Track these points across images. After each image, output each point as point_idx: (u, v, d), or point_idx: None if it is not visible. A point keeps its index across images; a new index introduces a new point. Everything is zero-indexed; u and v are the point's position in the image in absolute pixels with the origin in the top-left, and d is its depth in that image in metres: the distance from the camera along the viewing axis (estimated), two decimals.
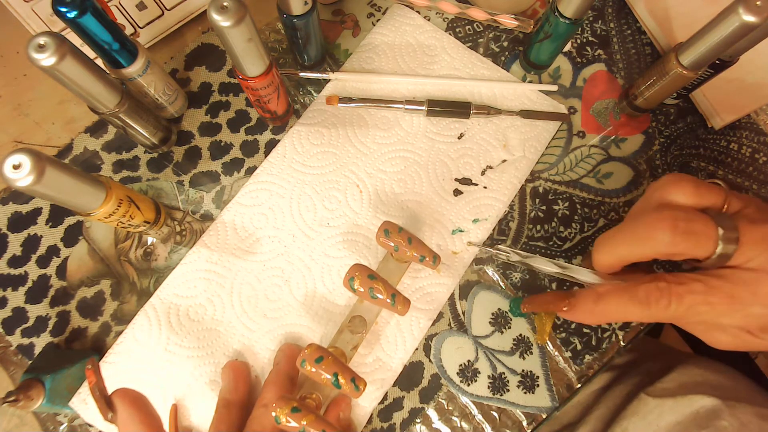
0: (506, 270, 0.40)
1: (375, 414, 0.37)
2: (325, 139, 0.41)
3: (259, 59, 0.32)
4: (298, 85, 0.43)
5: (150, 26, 0.42)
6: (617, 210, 0.41)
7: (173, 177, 0.41)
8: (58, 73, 0.28)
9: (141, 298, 0.38)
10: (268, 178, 0.40)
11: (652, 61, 0.45)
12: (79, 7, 0.29)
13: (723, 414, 0.37)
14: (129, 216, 0.34)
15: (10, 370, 0.37)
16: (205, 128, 0.42)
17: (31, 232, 0.39)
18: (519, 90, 0.43)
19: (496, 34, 0.45)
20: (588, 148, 0.42)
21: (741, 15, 0.30)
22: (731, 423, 0.36)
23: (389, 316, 0.37)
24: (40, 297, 0.38)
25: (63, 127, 0.41)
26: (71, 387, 0.35)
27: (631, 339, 0.39)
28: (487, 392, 0.37)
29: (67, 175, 0.28)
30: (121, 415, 0.32)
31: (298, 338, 0.37)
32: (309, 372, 0.30)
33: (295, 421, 0.28)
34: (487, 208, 0.40)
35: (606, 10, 0.46)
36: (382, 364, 0.37)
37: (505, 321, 0.39)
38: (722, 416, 0.37)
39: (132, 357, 0.36)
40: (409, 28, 0.44)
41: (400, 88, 0.43)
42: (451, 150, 0.41)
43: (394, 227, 0.34)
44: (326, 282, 0.38)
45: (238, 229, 0.39)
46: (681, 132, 0.43)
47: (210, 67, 0.43)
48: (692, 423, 0.37)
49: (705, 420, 0.37)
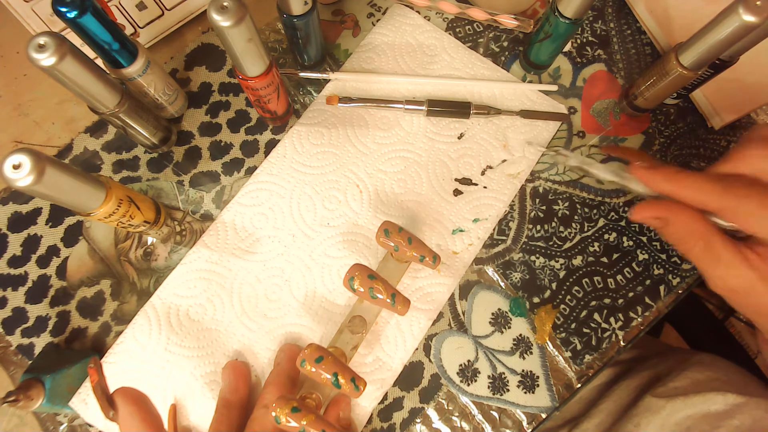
0: (506, 270, 0.40)
1: (375, 414, 0.37)
2: (325, 139, 0.41)
3: (259, 59, 0.32)
4: (298, 85, 0.43)
5: (150, 26, 0.42)
6: (617, 210, 0.41)
7: (173, 177, 0.41)
8: (58, 73, 0.28)
9: (141, 298, 0.38)
10: (268, 178, 0.40)
11: (652, 61, 0.45)
12: (79, 7, 0.29)
13: (734, 412, 0.37)
14: (129, 216, 0.34)
15: (10, 370, 0.37)
16: (205, 128, 0.42)
17: (31, 232, 0.39)
18: (519, 90, 0.43)
19: (496, 34, 0.45)
20: (588, 148, 0.42)
21: (741, 15, 0.30)
22: (743, 422, 0.36)
23: (389, 316, 0.37)
24: (40, 297, 0.38)
25: (63, 127, 0.41)
26: (71, 387, 0.35)
27: (632, 339, 0.39)
28: (487, 392, 0.37)
29: (67, 175, 0.28)
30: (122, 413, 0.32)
31: (298, 338, 0.37)
32: (309, 372, 0.30)
33: (295, 421, 0.28)
34: (487, 208, 0.40)
35: (606, 10, 0.46)
36: (382, 364, 0.37)
37: (505, 321, 0.39)
38: (734, 415, 0.37)
39: (132, 357, 0.36)
40: (409, 28, 0.44)
41: (400, 88, 0.43)
42: (451, 150, 0.41)
43: (394, 227, 0.34)
44: (326, 282, 0.38)
45: (238, 229, 0.39)
46: (681, 132, 0.43)
47: (210, 67, 0.43)
48: (704, 421, 0.37)
49: (716, 419, 0.37)
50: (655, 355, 0.49)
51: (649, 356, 0.49)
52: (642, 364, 0.47)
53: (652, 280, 0.40)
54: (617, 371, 0.49)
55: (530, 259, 0.40)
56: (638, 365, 0.47)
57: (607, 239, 0.40)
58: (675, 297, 0.40)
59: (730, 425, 0.36)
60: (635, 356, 0.50)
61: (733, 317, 0.95)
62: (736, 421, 0.36)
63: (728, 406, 0.38)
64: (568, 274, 0.40)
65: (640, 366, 0.47)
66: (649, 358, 0.48)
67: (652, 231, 0.41)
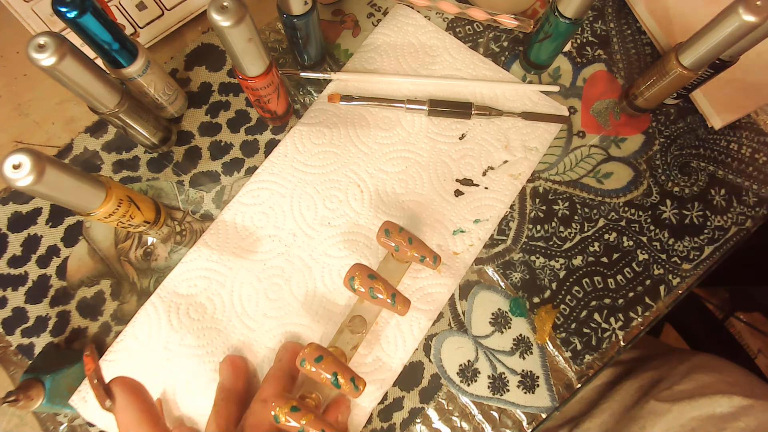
0: (506, 270, 0.40)
1: (375, 414, 0.37)
2: (326, 139, 0.41)
3: (259, 59, 0.32)
4: (298, 85, 0.43)
5: (150, 26, 0.42)
6: (617, 210, 0.41)
7: (173, 177, 0.41)
8: (58, 73, 0.28)
9: (141, 298, 0.38)
10: (269, 177, 0.40)
11: (652, 61, 0.45)
12: (79, 7, 0.29)
13: (740, 415, 0.37)
14: (129, 216, 0.34)
15: (10, 370, 0.37)
16: (205, 128, 0.42)
17: (31, 232, 0.39)
18: (520, 91, 0.43)
19: (496, 34, 0.45)
20: (588, 148, 0.42)
21: (741, 15, 0.30)
22: (748, 424, 0.36)
23: (389, 316, 0.37)
24: (40, 297, 0.38)
25: (63, 127, 0.41)
26: (71, 387, 0.35)
27: (632, 339, 0.39)
28: (487, 392, 0.37)
29: (67, 175, 0.28)
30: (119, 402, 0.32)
31: (297, 338, 0.37)
32: (308, 371, 0.30)
33: (294, 420, 0.28)
34: (488, 209, 0.40)
35: (606, 10, 0.46)
36: (382, 364, 0.37)
37: (505, 321, 0.39)
38: (739, 417, 0.37)
39: (132, 355, 0.36)
40: (411, 28, 0.44)
41: (402, 89, 0.43)
42: (453, 150, 0.41)
43: (394, 227, 0.34)
44: (326, 281, 0.38)
45: (239, 228, 0.39)
46: (681, 132, 0.43)
47: (210, 67, 0.43)
48: (709, 423, 0.37)
49: (721, 422, 0.37)
50: (658, 356, 0.49)
51: (651, 356, 0.49)
52: (644, 365, 0.47)
53: (652, 280, 0.40)
54: (619, 371, 0.48)
55: (530, 259, 0.40)
56: (640, 366, 0.47)
57: (607, 239, 0.41)
58: (675, 297, 0.40)
59: (735, 427, 0.36)
60: (637, 356, 0.50)
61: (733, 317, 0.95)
62: (742, 424, 0.36)
63: (734, 409, 0.38)
64: (568, 274, 0.40)
65: (642, 367, 0.47)
66: (652, 359, 0.48)
67: (652, 231, 0.41)
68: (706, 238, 0.41)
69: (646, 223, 0.41)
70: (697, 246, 0.41)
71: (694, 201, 0.42)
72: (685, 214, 0.41)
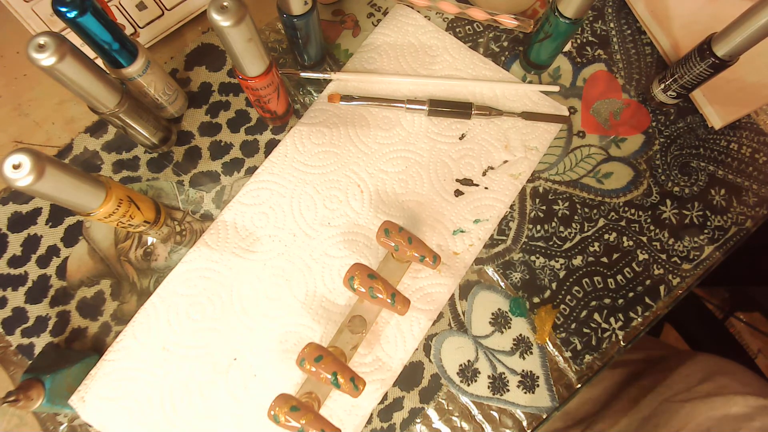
0: (506, 270, 0.40)
1: (375, 414, 0.37)
2: (326, 139, 0.41)
3: (259, 59, 0.32)
4: (298, 85, 0.43)
5: (150, 26, 0.42)
6: (617, 210, 0.41)
7: (173, 177, 0.41)
8: (58, 73, 0.28)
9: (141, 298, 0.38)
10: (269, 177, 0.40)
11: (652, 61, 0.45)
12: (79, 7, 0.29)
13: (755, 415, 0.37)
14: (129, 216, 0.34)
15: (10, 370, 0.37)
16: (205, 128, 0.42)
17: (31, 232, 0.39)
18: (521, 91, 0.43)
19: (496, 34, 0.45)
20: (588, 148, 0.42)
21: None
22: (764, 423, 0.36)
23: (389, 316, 0.37)
24: (40, 297, 0.38)
25: (63, 127, 0.41)
26: (71, 387, 0.35)
27: (632, 339, 0.39)
28: (487, 392, 0.37)
29: (67, 175, 0.28)
30: None
31: (297, 337, 0.37)
32: (308, 371, 0.30)
33: (294, 419, 0.28)
34: (488, 209, 0.40)
35: (606, 10, 0.46)
36: (382, 364, 0.37)
37: (505, 321, 0.39)
38: (755, 417, 0.37)
39: (132, 355, 0.36)
40: (411, 28, 0.44)
41: (402, 89, 0.43)
42: (453, 150, 0.41)
43: (394, 227, 0.34)
44: (326, 281, 0.38)
45: (239, 228, 0.39)
46: (681, 132, 0.43)
47: (210, 67, 0.43)
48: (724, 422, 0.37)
49: (736, 421, 0.37)
50: (667, 357, 0.48)
51: (660, 358, 0.49)
52: (654, 366, 0.47)
53: (652, 280, 0.40)
54: (628, 371, 0.48)
55: (530, 259, 0.40)
56: (650, 367, 0.47)
57: (607, 239, 0.40)
58: (675, 297, 0.40)
59: (750, 427, 0.36)
60: (645, 357, 0.50)
61: (732, 317, 0.95)
62: (757, 423, 0.36)
63: (749, 409, 0.37)
64: (568, 274, 0.40)
65: (652, 368, 0.47)
66: (661, 360, 0.48)
67: (652, 231, 0.41)
68: (706, 238, 0.41)
69: (646, 223, 0.41)
70: (697, 246, 0.41)
71: (694, 201, 0.42)
72: (685, 214, 0.41)
